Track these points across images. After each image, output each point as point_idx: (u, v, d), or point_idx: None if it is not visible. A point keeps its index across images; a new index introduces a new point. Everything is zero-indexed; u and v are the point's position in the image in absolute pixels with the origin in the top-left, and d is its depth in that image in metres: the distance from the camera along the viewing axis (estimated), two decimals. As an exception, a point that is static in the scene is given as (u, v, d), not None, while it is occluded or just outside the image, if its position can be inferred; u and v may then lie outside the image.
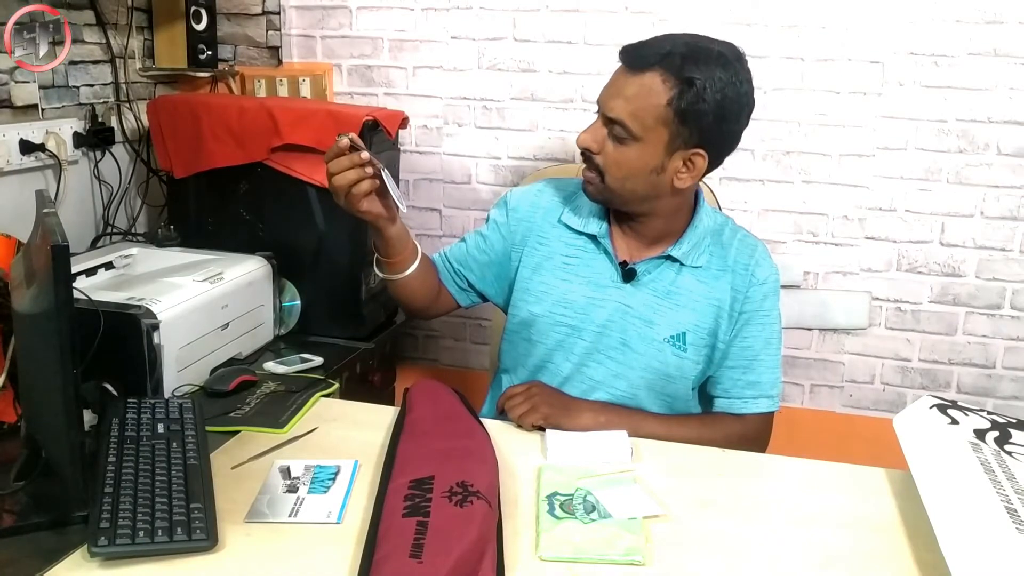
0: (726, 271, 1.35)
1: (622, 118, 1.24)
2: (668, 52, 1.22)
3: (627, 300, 1.35)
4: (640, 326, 1.34)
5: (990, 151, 1.90)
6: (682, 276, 1.35)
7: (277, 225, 1.84)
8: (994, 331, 2.00)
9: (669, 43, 1.24)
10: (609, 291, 1.36)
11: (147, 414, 1.21)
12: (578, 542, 0.99)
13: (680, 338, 1.34)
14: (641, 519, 1.04)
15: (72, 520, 1.00)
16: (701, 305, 1.34)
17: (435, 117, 2.14)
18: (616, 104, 1.25)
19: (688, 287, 1.34)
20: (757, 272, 1.35)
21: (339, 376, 1.64)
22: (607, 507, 1.05)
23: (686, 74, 1.21)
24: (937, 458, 1.12)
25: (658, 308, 1.34)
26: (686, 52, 1.22)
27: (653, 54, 1.23)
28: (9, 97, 1.71)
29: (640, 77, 1.23)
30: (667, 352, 1.34)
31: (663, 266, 1.35)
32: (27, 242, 1.20)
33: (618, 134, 1.26)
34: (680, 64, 1.21)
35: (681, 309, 1.34)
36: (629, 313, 1.35)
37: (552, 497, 1.08)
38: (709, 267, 1.35)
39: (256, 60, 2.19)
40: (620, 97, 1.25)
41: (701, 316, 1.34)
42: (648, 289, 1.35)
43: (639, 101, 1.23)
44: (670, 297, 1.34)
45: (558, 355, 1.39)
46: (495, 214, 1.47)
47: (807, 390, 2.12)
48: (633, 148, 1.25)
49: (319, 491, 1.09)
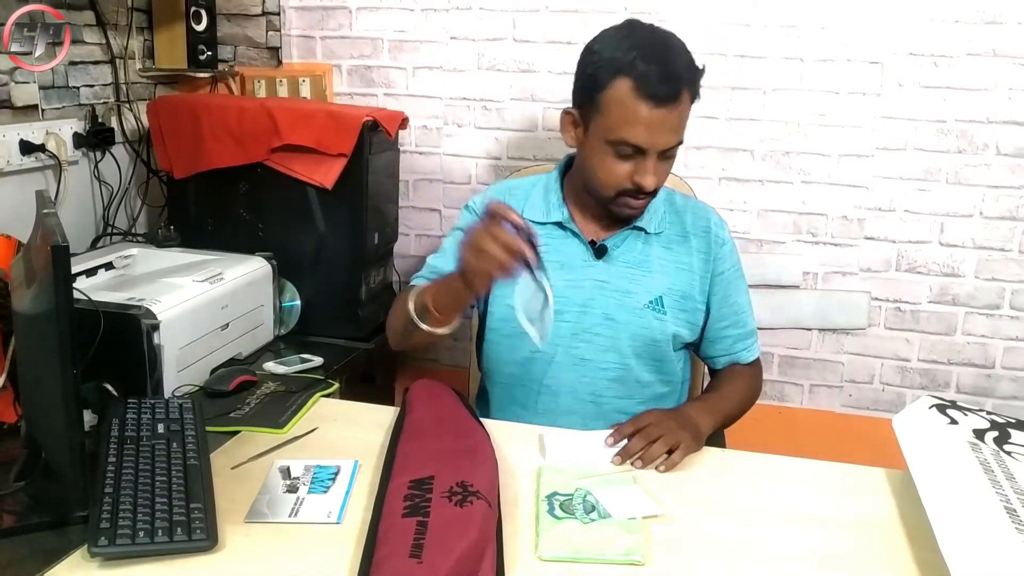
0: (687, 236, 1.42)
1: (678, 140, 1.30)
2: (682, 72, 1.26)
3: (602, 276, 1.40)
4: (619, 297, 1.39)
5: (989, 151, 1.91)
6: (649, 245, 1.41)
7: (277, 225, 1.84)
8: (993, 331, 2.00)
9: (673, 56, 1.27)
10: (584, 270, 1.40)
11: (147, 414, 1.21)
12: (577, 542, 0.99)
13: (658, 302, 1.39)
14: (640, 519, 1.04)
15: (72, 520, 1.00)
16: (671, 268, 1.41)
17: (435, 117, 2.14)
18: (669, 137, 1.28)
19: (657, 254, 1.41)
20: (719, 233, 1.44)
21: (339, 376, 1.64)
22: (607, 507, 1.06)
23: (695, 76, 1.29)
24: (936, 458, 1.12)
25: (633, 277, 1.40)
26: (687, 55, 1.29)
27: (679, 79, 1.25)
28: (9, 98, 1.71)
29: (678, 106, 1.26)
30: (649, 317, 1.39)
31: (630, 238, 1.41)
32: (27, 242, 1.20)
33: (670, 153, 1.31)
34: (692, 66, 1.29)
35: (654, 275, 1.40)
36: (606, 287, 1.39)
37: (552, 497, 1.08)
38: (671, 234, 1.42)
39: (256, 61, 2.19)
40: (669, 131, 1.27)
41: (673, 279, 1.40)
42: (620, 262, 1.40)
43: (683, 118, 1.29)
44: (642, 266, 1.40)
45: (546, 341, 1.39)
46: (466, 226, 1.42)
47: (807, 390, 2.12)
48: (677, 150, 1.32)
49: (319, 491, 1.09)
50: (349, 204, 1.80)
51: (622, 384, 1.41)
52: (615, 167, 1.30)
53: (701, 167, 2.03)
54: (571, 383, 1.41)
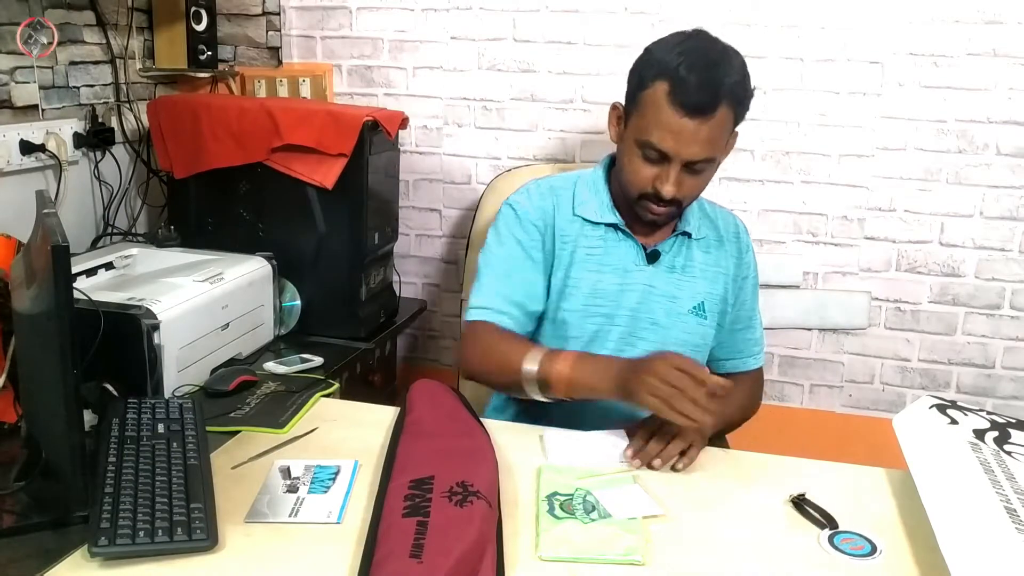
0: (722, 240, 1.45)
1: (706, 155, 1.27)
2: (725, 85, 1.24)
3: (651, 281, 1.40)
4: (665, 303, 1.40)
5: (989, 151, 1.91)
6: (691, 250, 1.43)
7: (277, 225, 1.84)
8: (993, 331, 2.00)
9: (720, 71, 1.24)
10: (635, 275, 1.40)
11: (147, 414, 1.21)
12: (578, 542, 0.99)
13: (700, 307, 1.42)
14: (641, 519, 1.04)
15: (72, 520, 1.00)
16: (711, 273, 1.43)
17: (435, 117, 2.14)
18: (696, 149, 1.26)
19: (698, 259, 1.43)
20: (745, 239, 1.48)
21: (339, 376, 1.64)
22: (607, 507, 1.06)
23: (742, 94, 1.27)
24: (936, 458, 1.12)
25: (678, 283, 1.41)
26: (740, 75, 1.27)
27: (717, 93, 1.23)
28: (9, 97, 1.71)
29: (713, 118, 1.24)
30: (692, 323, 1.41)
31: (676, 243, 1.42)
32: (27, 242, 1.20)
33: (699, 168, 1.29)
34: (740, 87, 1.26)
35: (697, 280, 1.42)
36: (654, 292, 1.40)
37: (552, 497, 1.08)
38: (708, 238, 1.44)
39: (256, 60, 2.19)
40: (696, 143, 1.25)
41: (712, 284, 1.43)
42: (667, 267, 1.41)
43: (716, 134, 1.27)
44: (686, 271, 1.42)
45: (594, 345, 1.39)
46: (521, 234, 1.39)
47: (807, 390, 2.12)
48: (709, 169, 1.31)
49: (319, 491, 1.09)
50: (349, 204, 1.80)
51: None
52: (641, 168, 1.30)
53: (701, 167, 2.03)
54: None
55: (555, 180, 1.47)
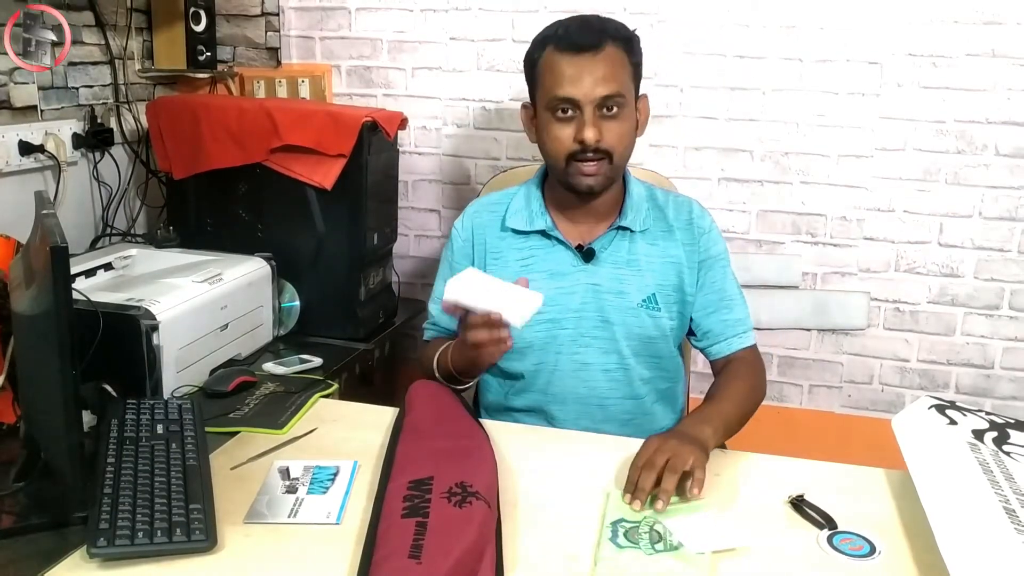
0: (671, 230, 1.43)
1: (609, 91, 1.30)
2: (607, 28, 1.33)
3: (593, 279, 1.40)
4: (613, 299, 1.40)
5: (988, 152, 1.91)
6: (635, 243, 1.41)
7: (276, 226, 1.84)
8: (992, 331, 2.00)
9: (597, 19, 1.35)
10: (574, 276, 1.40)
11: (146, 415, 1.21)
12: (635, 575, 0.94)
13: (651, 299, 1.40)
14: (710, 554, 0.97)
15: (72, 521, 1.00)
16: (659, 265, 1.41)
17: (434, 118, 2.15)
18: (597, 86, 1.29)
19: (644, 252, 1.41)
20: (700, 223, 1.44)
21: (338, 377, 1.64)
22: (678, 537, 0.99)
23: (626, 34, 1.34)
24: (935, 459, 1.12)
25: (624, 278, 1.40)
26: (614, 23, 1.35)
27: (599, 31, 1.31)
28: (8, 98, 1.71)
29: (602, 51, 1.30)
30: (643, 315, 1.40)
31: (616, 238, 1.41)
32: (26, 243, 1.20)
33: (612, 110, 1.32)
34: (618, 31, 1.34)
35: (644, 273, 1.41)
36: (599, 290, 1.40)
37: (617, 524, 1.02)
38: (655, 230, 1.43)
39: (255, 61, 2.19)
40: (593, 78, 1.29)
41: (663, 275, 1.41)
42: (609, 263, 1.40)
43: (612, 70, 1.31)
44: (631, 265, 1.41)
45: (546, 352, 1.40)
46: (453, 258, 1.47)
47: (806, 390, 2.12)
48: (624, 113, 1.33)
49: (318, 492, 1.09)
50: (348, 204, 1.80)
51: (626, 384, 1.41)
52: (558, 131, 1.33)
53: (700, 168, 2.03)
54: (575, 389, 1.41)
55: (495, 196, 1.50)
